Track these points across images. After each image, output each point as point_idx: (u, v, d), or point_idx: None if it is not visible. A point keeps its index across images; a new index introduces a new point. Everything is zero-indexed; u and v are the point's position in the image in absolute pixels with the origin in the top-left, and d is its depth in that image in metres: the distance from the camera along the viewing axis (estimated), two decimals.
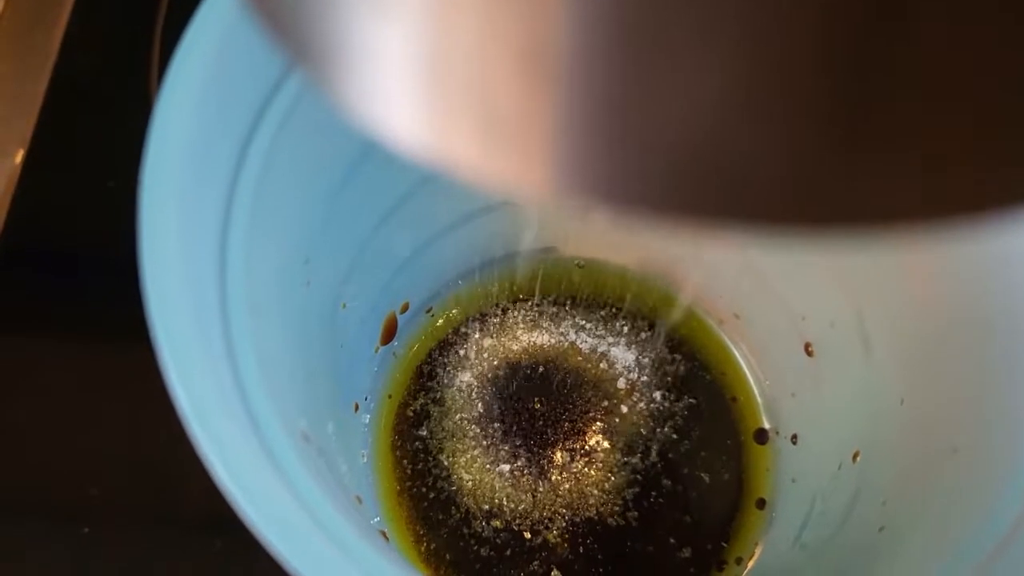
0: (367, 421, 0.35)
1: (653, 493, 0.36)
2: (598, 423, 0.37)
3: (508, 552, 0.35)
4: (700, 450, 0.37)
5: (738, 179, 0.09)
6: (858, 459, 0.31)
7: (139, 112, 0.45)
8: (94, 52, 0.46)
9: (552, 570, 0.34)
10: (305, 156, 0.24)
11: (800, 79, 0.08)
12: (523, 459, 0.36)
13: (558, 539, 0.35)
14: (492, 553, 0.35)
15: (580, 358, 0.38)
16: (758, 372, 0.38)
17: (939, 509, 0.24)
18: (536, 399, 0.37)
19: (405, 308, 0.37)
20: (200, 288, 0.19)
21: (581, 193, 0.10)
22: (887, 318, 0.31)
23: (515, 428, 0.37)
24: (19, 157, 0.43)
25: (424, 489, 0.35)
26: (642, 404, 0.38)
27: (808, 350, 0.35)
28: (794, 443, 0.36)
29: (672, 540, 0.35)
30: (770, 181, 0.09)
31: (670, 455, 0.37)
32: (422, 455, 0.36)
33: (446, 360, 0.38)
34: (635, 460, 0.36)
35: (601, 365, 0.38)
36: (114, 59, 0.46)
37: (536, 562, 0.34)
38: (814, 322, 0.35)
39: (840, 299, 0.33)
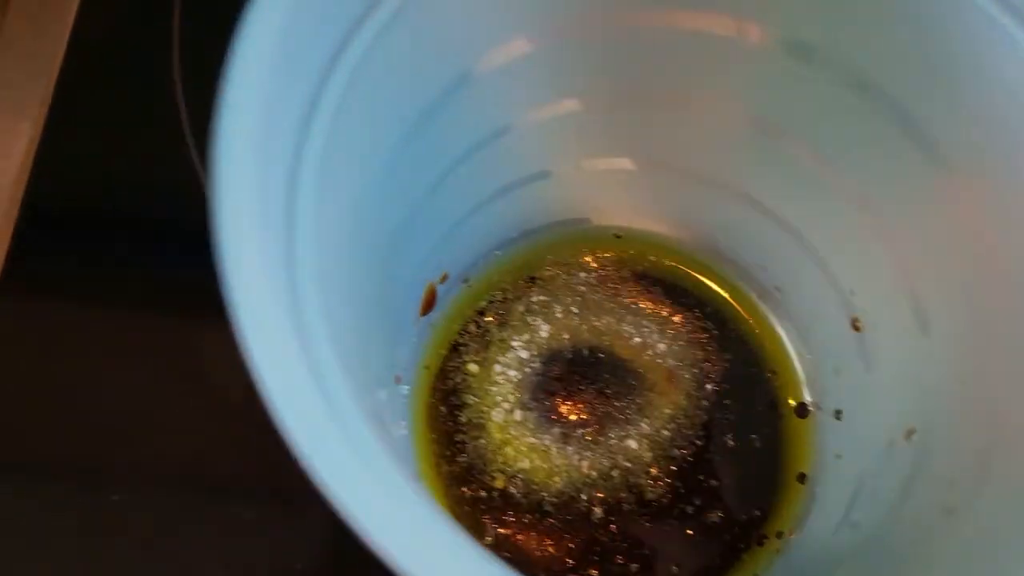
0: (406, 392, 0.35)
1: (690, 466, 0.36)
2: (636, 396, 0.36)
3: (545, 524, 0.34)
4: (739, 423, 0.37)
5: None
6: (913, 437, 0.30)
7: (159, 71, 0.44)
8: (114, 6, 0.45)
9: (589, 541, 0.34)
10: (365, 122, 0.23)
11: None
12: (560, 431, 0.35)
13: (595, 511, 0.34)
14: (529, 524, 0.34)
15: (617, 331, 0.38)
16: (800, 346, 0.38)
17: (1012, 495, 0.24)
18: (572, 371, 0.37)
19: (444, 279, 0.36)
20: (269, 252, 0.18)
21: None
22: (944, 292, 0.30)
23: (551, 400, 0.36)
24: (41, 117, 0.42)
25: (460, 461, 0.35)
26: (680, 377, 0.37)
27: (856, 325, 0.34)
28: (838, 418, 0.35)
29: (710, 513, 0.35)
30: None
31: (708, 428, 0.36)
32: (458, 427, 0.35)
33: (482, 332, 0.37)
34: (673, 433, 0.36)
35: (638, 338, 0.38)
36: (134, 15, 0.45)
37: (573, 534, 0.34)
38: (863, 297, 0.34)
39: (892, 272, 0.32)
